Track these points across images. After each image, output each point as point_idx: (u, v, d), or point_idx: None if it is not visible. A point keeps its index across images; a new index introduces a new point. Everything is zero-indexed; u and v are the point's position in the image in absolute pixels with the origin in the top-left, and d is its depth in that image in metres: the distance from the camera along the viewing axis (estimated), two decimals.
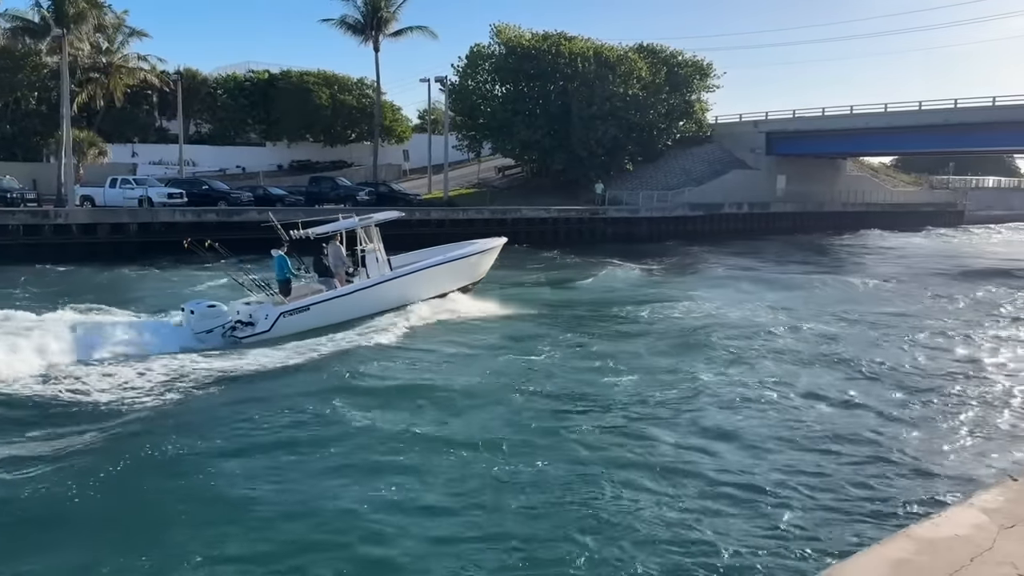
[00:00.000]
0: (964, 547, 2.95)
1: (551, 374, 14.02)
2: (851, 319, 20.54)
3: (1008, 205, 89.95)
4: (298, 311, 17.34)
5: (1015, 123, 50.94)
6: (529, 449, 9.90)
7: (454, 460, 9.51)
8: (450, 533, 7.65)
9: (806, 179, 63.60)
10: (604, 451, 9.95)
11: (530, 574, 6.97)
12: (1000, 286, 28.21)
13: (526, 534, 7.59)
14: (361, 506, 8.10)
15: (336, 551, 7.26)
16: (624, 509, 8.12)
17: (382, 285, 19.28)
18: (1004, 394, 13.06)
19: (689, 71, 61.52)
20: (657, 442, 10.26)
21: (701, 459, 9.62)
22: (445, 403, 12.00)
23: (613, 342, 17.37)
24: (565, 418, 11.38)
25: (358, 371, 13.87)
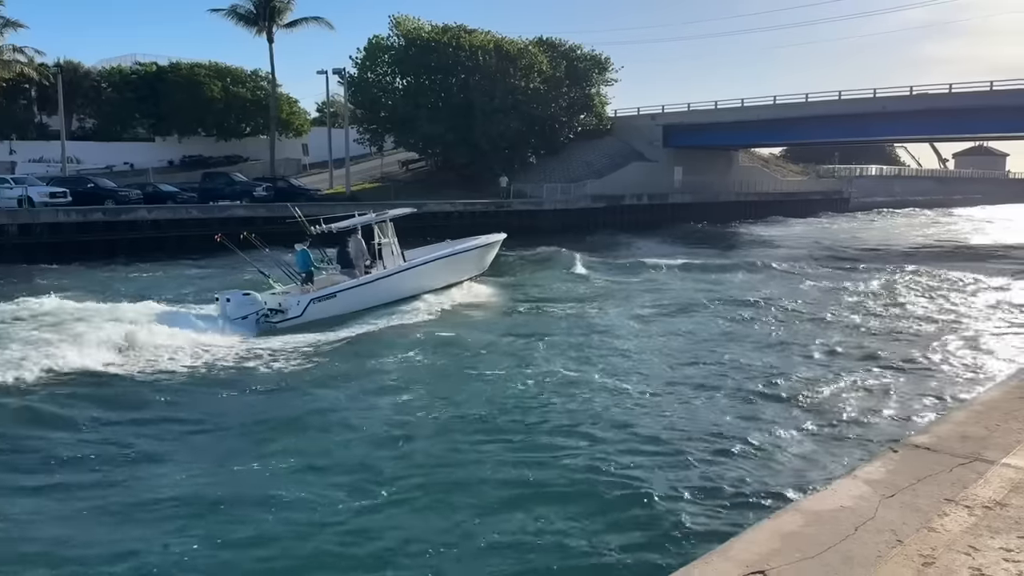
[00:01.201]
0: (849, 517, 3.07)
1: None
2: (734, 303, 21.33)
3: (890, 192, 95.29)
4: (326, 298, 18.75)
5: (895, 113, 53.93)
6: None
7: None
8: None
9: (701, 170, 65.66)
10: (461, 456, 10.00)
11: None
12: (875, 269, 29.81)
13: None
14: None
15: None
16: (516, 502, 8.17)
17: (399, 275, 21.02)
18: (883, 370, 13.80)
19: (588, 65, 62.38)
20: (554, 433, 10.38)
21: (593, 448, 9.76)
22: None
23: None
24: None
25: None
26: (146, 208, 36.60)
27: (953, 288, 24.35)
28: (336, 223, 19.98)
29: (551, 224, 48.44)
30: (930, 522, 3.03)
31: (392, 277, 20.75)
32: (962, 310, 20.60)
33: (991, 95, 50.54)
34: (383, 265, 20.85)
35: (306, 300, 18.25)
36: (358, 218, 20.73)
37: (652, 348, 15.96)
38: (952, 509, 3.16)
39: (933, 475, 3.52)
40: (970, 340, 16.59)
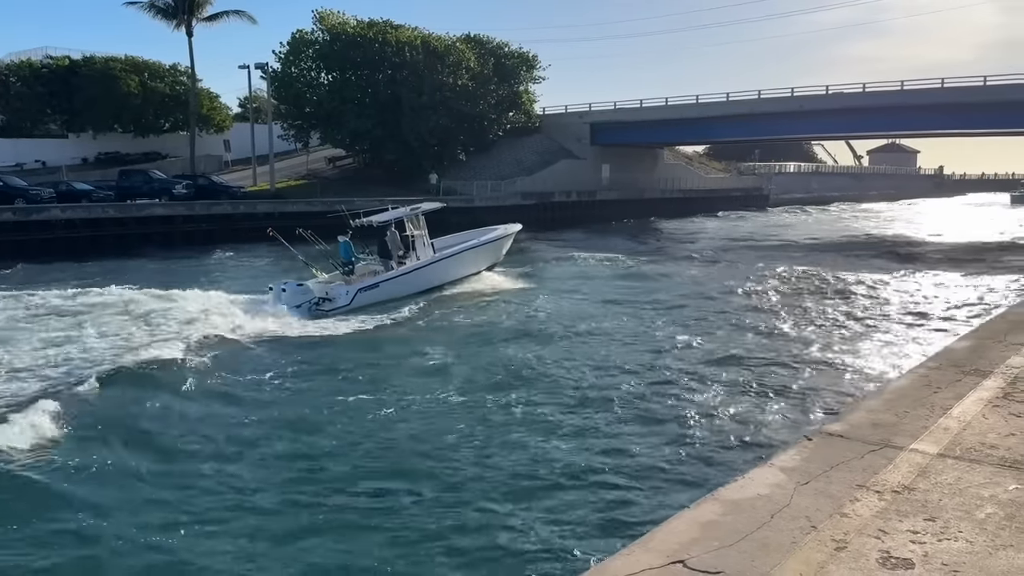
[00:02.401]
0: (765, 505, 3.14)
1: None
2: (655, 299, 21.77)
3: (807, 188, 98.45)
4: (371, 287, 20.38)
5: (811, 112, 55.74)
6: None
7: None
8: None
9: (628, 168, 66.69)
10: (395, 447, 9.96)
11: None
12: (791, 261, 30.77)
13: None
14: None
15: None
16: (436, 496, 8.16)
17: (432, 265, 22.70)
18: (795, 361, 14.26)
19: (516, 63, 62.56)
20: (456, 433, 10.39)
21: (521, 441, 9.82)
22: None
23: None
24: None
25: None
26: (59, 207, 35.07)
27: (865, 281, 25.31)
28: (376, 216, 21.65)
29: (482, 221, 48.38)
30: (842, 507, 3.13)
31: (426, 267, 22.45)
32: (875, 302, 21.44)
33: (902, 94, 52.74)
34: (416, 256, 22.39)
35: (354, 290, 19.94)
36: (395, 212, 22.51)
37: (577, 343, 16.10)
38: (863, 494, 3.27)
39: (845, 462, 3.63)
40: (881, 330, 17.27)
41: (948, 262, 32.22)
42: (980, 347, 6.02)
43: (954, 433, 4.01)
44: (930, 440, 3.91)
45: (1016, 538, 2.86)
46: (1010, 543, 2.83)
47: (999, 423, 4.16)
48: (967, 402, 4.54)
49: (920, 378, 5.15)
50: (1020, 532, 2.92)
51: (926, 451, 3.77)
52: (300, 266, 22.08)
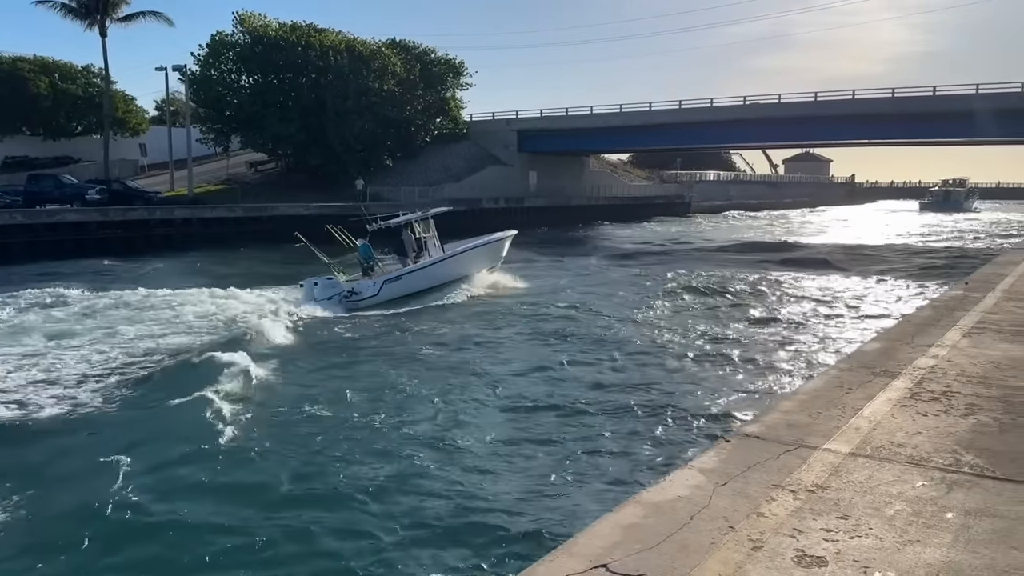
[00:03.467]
0: (685, 507, 3.18)
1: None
2: (575, 306, 22.00)
3: (727, 195, 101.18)
4: (395, 279, 22.31)
5: (730, 122, 57.37)
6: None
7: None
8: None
9: (555, 175, 67.35)
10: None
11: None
12: (711, 266, 31.56)
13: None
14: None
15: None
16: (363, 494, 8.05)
17: (445, 262, 24.50)
18: (713, 364, 14.60)
19: (442, 69, 62.54)
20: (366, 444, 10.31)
21: (440, 450, 9.77)
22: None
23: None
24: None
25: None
26: None
27: (781, 285, 26.11)
28: (391, 220, 23.58)
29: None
30: (759, 507, 3.19)
31: (439, 264, 24.30)
32: (789, 305, 22.13)
33: (815, 105, 54.76)
34: (428, 255, 24.25)
35: (380, 282, 21.84)
36: (408, 215, 24.54)
37: (488, 353, 16.13)
38: (779, 494, 3.34)
39: (762, 462, 3.71)
40: (794, 333, 17.85)
41: (859, 266, 33.53)
42: (889, 349, 6.26)
43: (865, 433, 4.15)
44: (842, 440, 4.04)
45: (922, 533, 2.97)
46: (917, 538, 2.93)
47: (907, 422, 4.33)
48: (877, 402, 4.71)
49: (832, 379, 5.32)
50: (926, 528, 3.03)
51: (838, 450, 3.88)
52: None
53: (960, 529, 3.00)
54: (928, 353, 6.02)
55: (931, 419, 4.38)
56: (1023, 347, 6.29)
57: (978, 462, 3.71)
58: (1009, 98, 47.38)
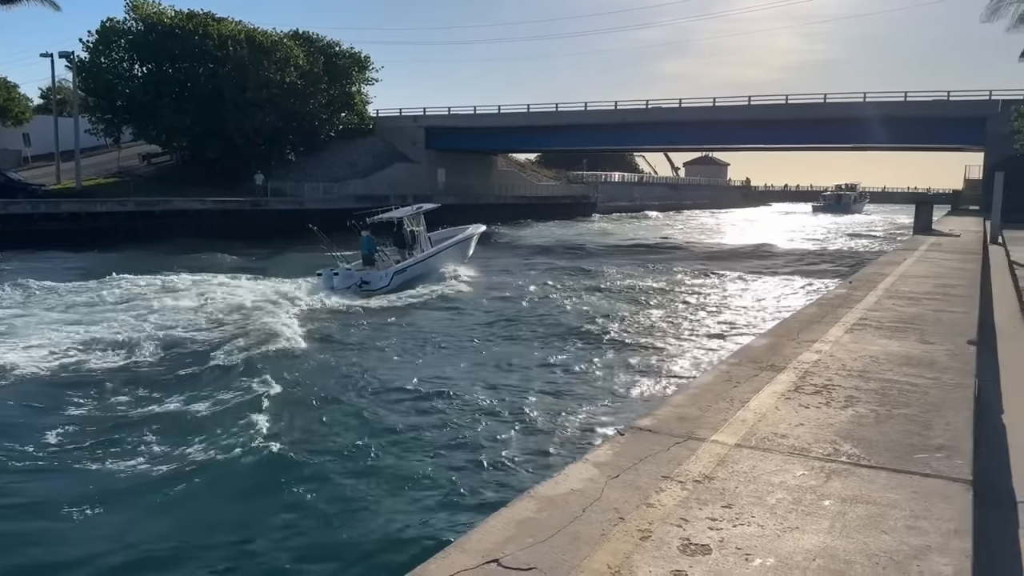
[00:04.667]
0: (578, 500, 3.21)
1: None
2: (482, 302, 22.20)
3: (631, 197, 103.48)
4: (402, 271, 24.62)
5: (633, 124, 58.71)
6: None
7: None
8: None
9: (464, 173, 67.33)
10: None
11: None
12: (616, 266, 32.26)
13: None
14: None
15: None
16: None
17: (438, 256, 27.03)
18: (609, 360, 14.93)
19: (347, 62, 61.55)
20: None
21: (335, 451, 9.64)
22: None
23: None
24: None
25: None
26: None
27: (680, 284, 26.90)
28: (388, 214, 25.89)
29: (314, 224, 46.85)
30: (648, 499, 3.25)
31: (435, 257, 26.78)
32: (687, 303, 22.82)
33: (714, 110, 56.66)
34: (420, 248, 26.58)
35: (391, 272, 24.00)
36: (399, 211, 26.72)
37: (395, 351, 16.01)
38: (668, 485, 3.42)
39: (653, 455, 3.79)
40: (691, 330, 18.41)
41: (754, 266, 34.89)
42: (776, 344, 6.51)
43: (750, 424, 4.29)
44: (729, 431, 4.17)
45: (801, 521, 3.09)
46: (796, 525, 3.05)
47: (790, 414, 4.51)
48: (762, 395, 4.88)
49: (722, 374, 5.49)
50: (805, 515, 3.15)
51: (725, 442, 4.00)
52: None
53: (836, 515, 3.13)
54: (812, 348, 6.29)
55: (813, 411, 4.57)
56: (900, 342, 6.64)
57: (855, 451, 3.89)
58: (894, 106, 50.26)
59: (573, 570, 2.69)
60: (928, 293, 9.83)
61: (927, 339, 6.75)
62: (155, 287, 23.63)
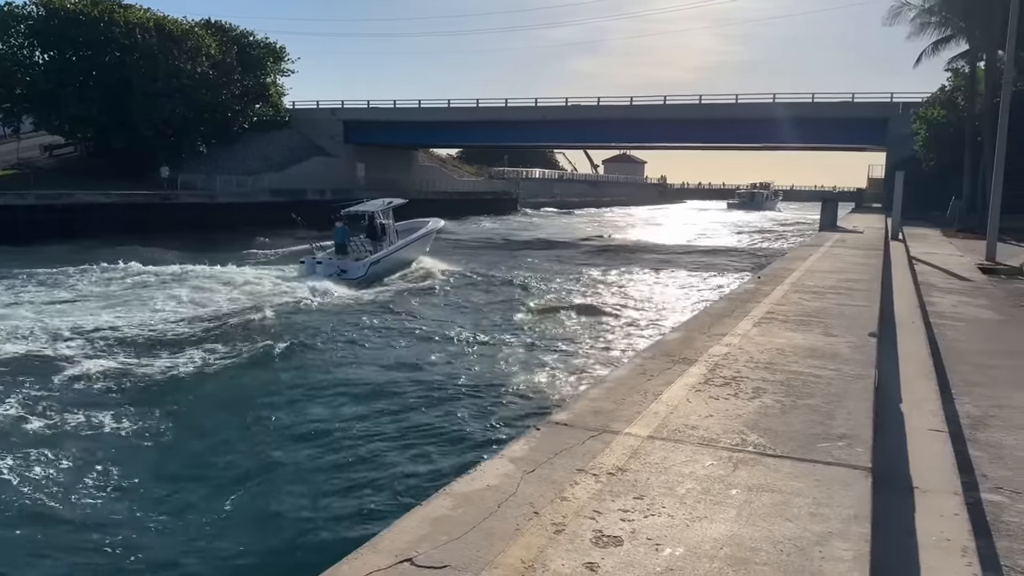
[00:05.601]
0: (494, 496, 3.21)
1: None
2: (398, 300, 22.07)
3: (551, 193, 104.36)
4: (376, 262, 25.90)
5: (553, 122, 59.15)
6: None
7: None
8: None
9: (384, 168, 66.51)
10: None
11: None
12: (538, 261, 32.50)
13: None
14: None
15: None
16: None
17: (408, 247, 28.77)
18: (527, 357, 15.06)
19: (262, 53, 60.01)
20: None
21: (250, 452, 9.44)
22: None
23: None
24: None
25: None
26: None
27: (600, 279, 27.30)
28: (359, 207, 27.98)
29: (226, 219, 45.63)
30: (563, 492, 3.28)
31: (404, 249, 28.39)
32: (603, 299, 23.18)
33: (631, 109, 57.59)
34: (390, 240, 27.85)
35: (368, 263, 25.39)
36: (370, 204, 28.90)
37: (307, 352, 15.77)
38: (582, 478, 3.45)
39: (568, 448, 3.82)
40: (612, 324, 18.72)
41: (670, 261, 35.68)
42: (688, 338, 6.66)
43: (662, 416, 4.38)
44: (642, 424, 4.24)
45: (710, 510, 3.17)
46: (705, 515, 3.12)
47: (700, 406, 4.62)
48: (675, 388, 4.99)
49: (637, 367, 5.59)
50: (713, 504, 3.23)
51: (638, 434, 4.07)
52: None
53: (743, 504, 3.22)
54: (722, 341, 6.47)
55: (722, 402, 4.70)
56: (805, 335, 6.89)
57: (761, 441, 4.02)
58: (802, 107, 52.10)
59: (487, 566, 2.69)
60: (832, 287, 10.24)
61: (831, 332, 7.03)
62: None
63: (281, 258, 32.52)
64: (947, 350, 9.02)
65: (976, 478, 5.27)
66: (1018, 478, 5.30)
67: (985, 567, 3.69)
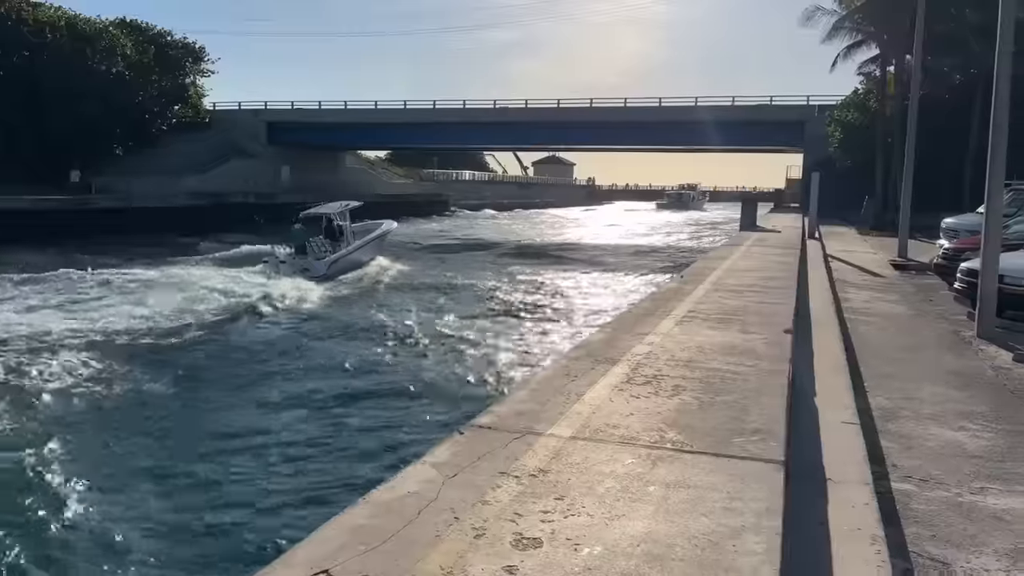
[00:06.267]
0: (415, 503, 3.18)
1: None
2: (326, 303, 21.83)
3: (482, 195, 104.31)
4: (336, 261, 27.49)
5: (482, 124, 59.22)
6: None
7: None
8: None
9: (310, 170, 65.28)
10: None
11: None
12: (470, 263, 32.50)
13: None
14: None
15: None
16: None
17: (365, 248, 30.52)
18: (461, 358, 15.05)
19: (180, 53, 58.38)
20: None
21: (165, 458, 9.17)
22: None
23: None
24: None
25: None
26: None
27: (529, 281, 27.45)
28: (318, 210, 29.73)
29: (143, 224, 44.02)
30: (484, 496, 3.27)
31: (361, 250, 30.06)
32: (536, 301, 23.31)
33: (558, 111, 58.09)
34: (347, 241, 29.46)
35: (329, 262, 26.91)
36: (328, 206, 30.38)
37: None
38: (504, 481, 3.45)
39: (491, 452, 3.82)
40: (540, 325, 18.84)
41: (598, 262, 36.12)
42: (613, 338, 6.75)
43: (585, 417, 4.42)
44: (565, 424, 4.27)
45: (628, 508, 3.21)
46: (623, 513, 3.16)
47: (622, 405, 4.68)
48: (598, 387, 5.04)
49: (562, 368, 5.63)
50: (632, 502, 3.27)
51: (561, 435, 4.10)
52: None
53: (660, 501, 3.27)
54: (645, 341, 6.57)
55: (643, 401, 4.77)
56: (724, 333, 7.05)
57: (679, 438, 4.09)
58: (723, 110, 53.41)
59: (405, 575, 2.67)
60: (751, 286, 10.52)
61: (748, 329, 7.21)
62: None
63: (220, 261, 31.48)
64: (860, 345, 9.38)
65: (887, 468, 5.49)
66: (926, 467, 5.55)
67: (893, 554, 3.84)
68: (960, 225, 20.18)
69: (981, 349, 9.64)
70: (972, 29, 30.81)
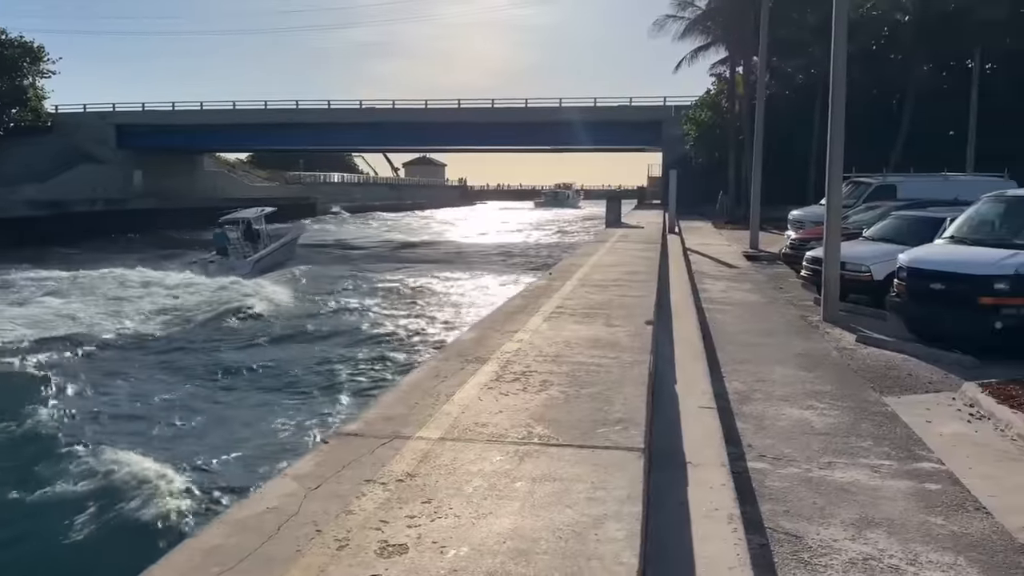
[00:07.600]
0: (274, 518, 3.07)
1: None
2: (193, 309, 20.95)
3: (351, 197, 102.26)
4: (259, 260, 29.60)
5: (347, 124, 58.14)
6: None
7: None
8: None
9: (165, 174, 61.96)
10: None
11: None
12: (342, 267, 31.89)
13: None
14: None
15: None
16: None
17: (281, 249, 32.47)
18: (311, 366, 14.77)
19: (16, 53, 54.17)
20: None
21: None
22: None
23: None
24: None
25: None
26: None
27: (402, 283, 27.23)
28: (238, 214, 31.82)
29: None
30: (348, 506, 3.19)
31: (279, 251, 32.07)
32: (407, 302, 23.15)
33: (426, 112, 57.87)
34: (265, 243, 31.57)
35: (252, 262, 29.00)
36: (245, 212, 32.22)
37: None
38: (370, 489, 3.38)
39: (357, 459, 3.73)
40: (410, 327, 18.73)
41: (470, 263, 36.25)
42: (483, 337, 6.76)
43: (454, 417, 4.40)
44: (434, 426, 4.23)
45: (495, 505, 3.21)
46: (490, 511, 3.15)
47: (491, 403, 4.69)
48: (467, 387, 5.04)
49: (431, 369, 5.59)
50: (499, 499, 3.28)
51: (430, 437, 4.06)
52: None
53: (526, 496, 3.29)
54: (514, 338, 6.63)
55: (511, 398, 4.80)
56: (589, 327, 7.22)
57: (546, 432, 4.14)
58: (586, 111, 54.76)
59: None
60: (615, 280, 10.83)
61: (612, 322, 7.41)
62: None
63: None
64: (717, 332, 9.85)
65: (743, 449, 5.78)
66: (779, 446, 5.87)
67: (749, 531, 4.04)
68: (806, 217, 21.52)
69: (827, 332, 10.33)
70: (812, 32, 32.97)
